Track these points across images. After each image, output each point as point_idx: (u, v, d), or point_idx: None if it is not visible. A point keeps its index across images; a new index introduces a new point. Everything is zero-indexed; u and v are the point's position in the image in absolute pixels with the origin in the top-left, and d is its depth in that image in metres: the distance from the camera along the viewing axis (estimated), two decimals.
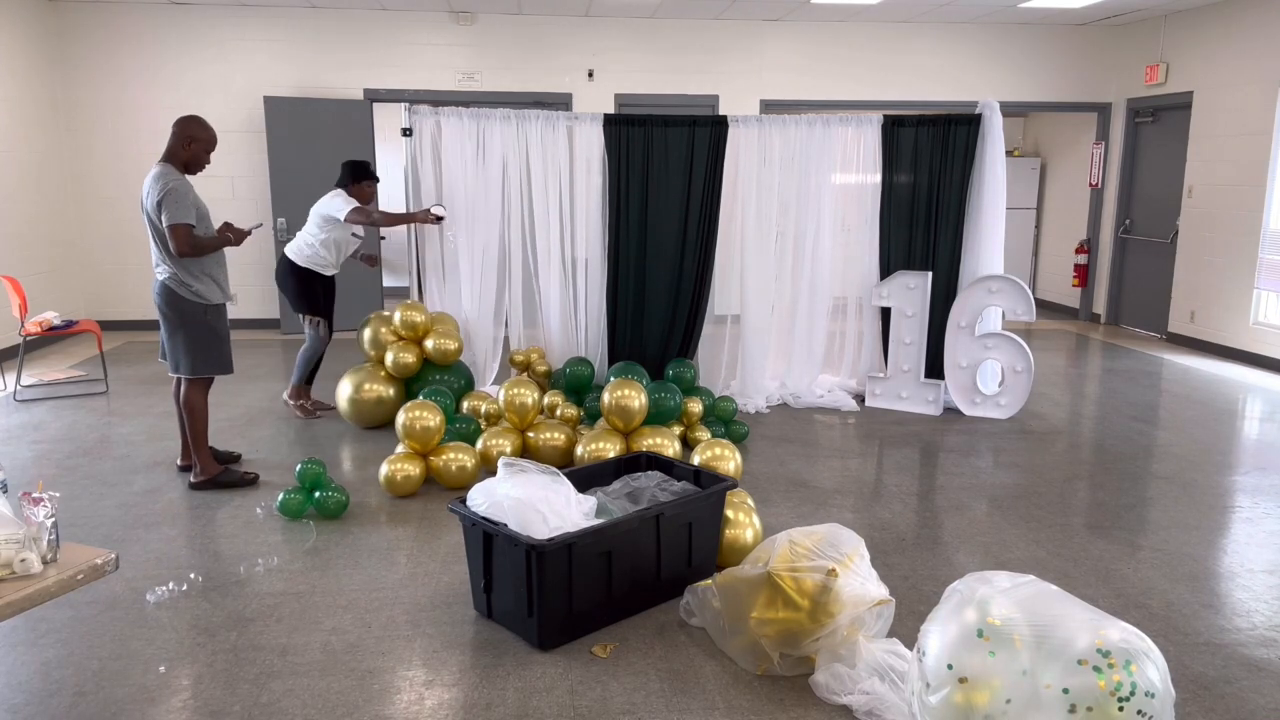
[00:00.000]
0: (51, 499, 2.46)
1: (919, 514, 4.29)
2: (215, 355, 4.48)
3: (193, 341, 4.40)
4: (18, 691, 2.80)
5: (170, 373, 4.53)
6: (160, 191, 4.21)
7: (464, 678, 2.88)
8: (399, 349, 5.42)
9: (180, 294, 4.34)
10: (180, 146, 4.32)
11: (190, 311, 4.37)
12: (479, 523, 3.08)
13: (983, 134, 5.96)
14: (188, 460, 4.75)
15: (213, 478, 4.54)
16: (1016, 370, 5.87)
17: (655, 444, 4.52)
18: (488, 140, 5.78)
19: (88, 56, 8.40)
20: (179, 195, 4.21)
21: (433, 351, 5.46)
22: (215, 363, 4.48)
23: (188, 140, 4.31)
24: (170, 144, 4.33)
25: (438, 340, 5.45)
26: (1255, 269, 7.66)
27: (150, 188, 4.26)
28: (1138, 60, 9.10)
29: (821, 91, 9.21)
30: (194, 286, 4.35)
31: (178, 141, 4.32)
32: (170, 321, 4.40)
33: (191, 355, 4.42)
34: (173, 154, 4.33)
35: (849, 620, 2.82)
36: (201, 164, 4.39)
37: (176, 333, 4.40)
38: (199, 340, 4.41)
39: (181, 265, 4.33)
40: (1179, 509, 4.38)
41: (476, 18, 8.70)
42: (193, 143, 4.32)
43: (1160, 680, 2.18)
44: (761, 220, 6.03)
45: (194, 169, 4.38)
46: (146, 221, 4.34)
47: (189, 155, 4.34)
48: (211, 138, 4.39)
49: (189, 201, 4.25)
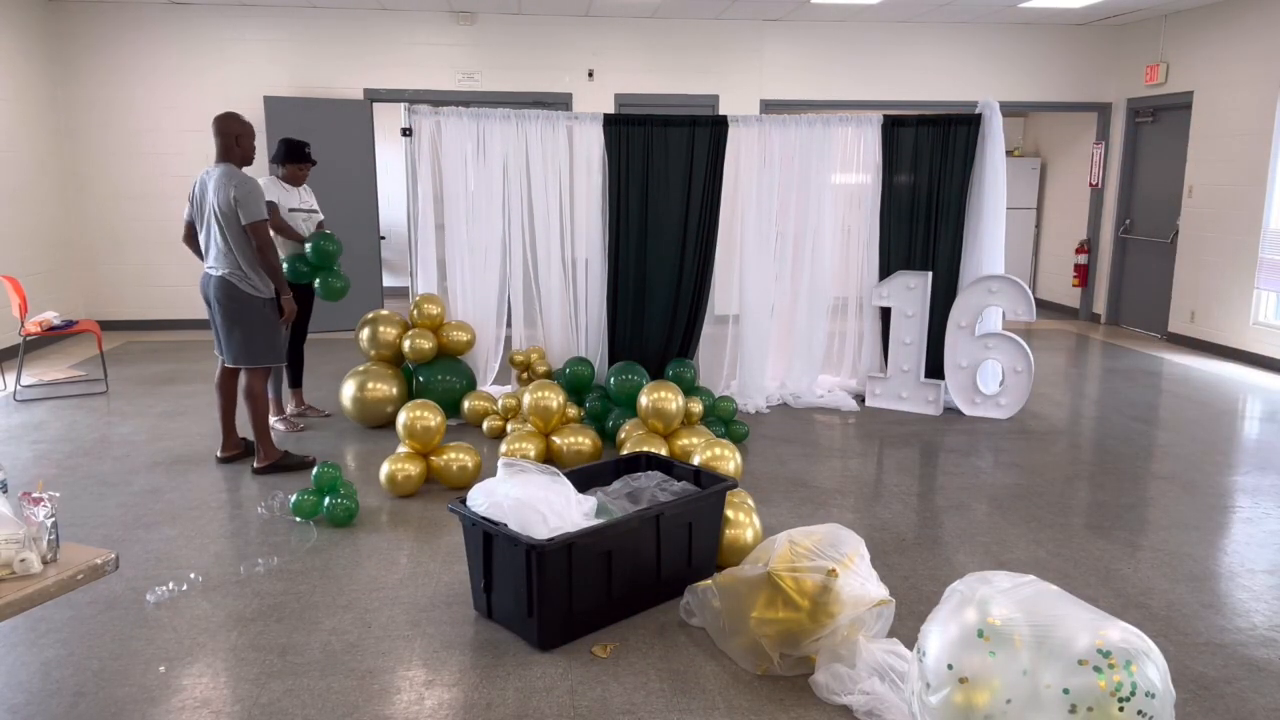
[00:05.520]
0: (51, 499, 2.46)
1: (919, 514, 4.29)
2: (273, 345, 4.69)
3: (252, 333, 4.60)
4: (18, 691, 2.80)
5: (228, 364, 4.70)
6: (236, 189, 4.40)
7: (464, 678, 2.88)
8: (416, 335, 5.52)
9: (241, 288, 4.53)
10: (232, 145, 4.53)
11: (250, 304, 4.56)
12: (479, 523, 3.08)
13: (983, 134, 5.96)
14: (230, 451, 4.93)
15: (275, 461, 4.75)
16: (1016, 370, 5.87)
17: (691, 444, 4.61)
18: (488, 140, 5.78)
19: (88, 56, 8.40)
20: (254, 193, 4.44)
21: (447, 341, 5.66)
22: (273, 353, 4.70)
23: (235, 138, 4.52)
24: (221, 145, 4.52)
25: (451, 330, 5.68)
26: (1255, 269, 7.66)
27: (218, 187, 4.43)
28: (1138, 60, 9.10)
29: (821, 91, 9.21)
30: (253, 280, 4.55)
31: (226, 141, 4.51)
32: (230, 314, 4.57)
33: (251, 346, 4.61)
34: (228, 153, 4.51)
35: (849, 620, 2.82)
36: (252, 156, 4.61)
37: (236, 325, 4.58)
38: (258, 331, 4.61)
39: (245, 260, 4.52)
40: (1179, 509, 4.37)
41: (476, 18, 8.70)
42: (240, 138, 4.52)
43: (1160, 680, 2.18)
44: (761, 220, 6.03)
45: (248, 163, 4.60)
46: (212, 218, 4.48)
47: (243, 151, 4.55)
48: (250, 129, 4.58)
49: (261, 199, 4.48)
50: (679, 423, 4.79)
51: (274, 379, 5.57)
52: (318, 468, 4.17)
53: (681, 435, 4.78)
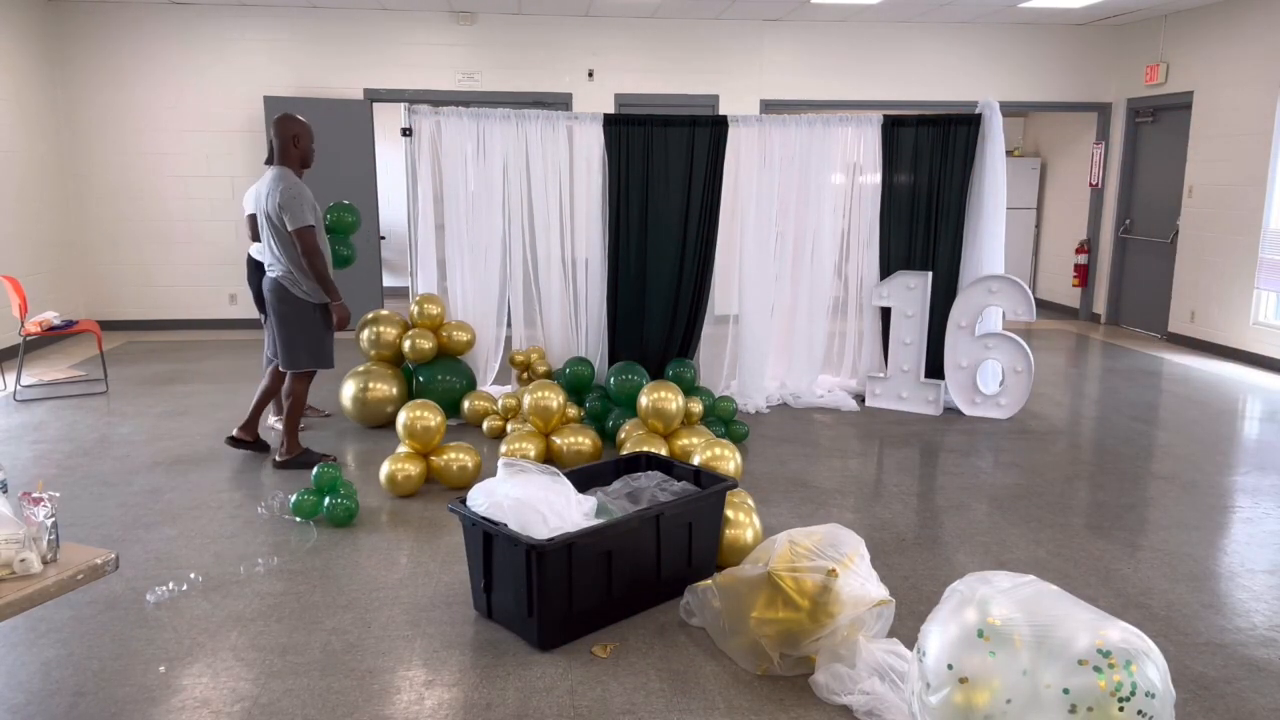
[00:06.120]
0: (51, 499, 2.46)
1: (919, 514, 4.29)
2: (319, 350, 4.72)
3: (298, 337, 4.64)
4: (18, 691, 2.80)
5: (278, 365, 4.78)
6: (281, 195, 4.41)
7: (464, 678, 2.88)
8: (416, 335, 5.52)
9: (292, 291, 4.57)
10: (289, 146, 4.53)
11: (299, 308, 4.60)
12: (479, 523, 3.08)
13: (983, 134, 5.96)
14: (243, 436, 4.98)
15: (296, 457, 4.81)
16: (1016, 370, 5.87)
17: (691, 444, 4.61)
18: (488, 140, 5.78)
19: (88, 56, 8.40)
20: (299, 199, 4.43)
21: (446, 341, 5.67)
22: (317, 358, 4.73)
23: (292, 139, 4.52)
24: (278, 146, 4.52)
25: (451, 330, 5.69)
26: (1255, 269, 7.66)
27: (269, 190, 4.46)
28: (1138, 60, 9.10)
29: (821, 91, 9.21)
30: (305, 285, 4.57)
31: (284, 142, 4.51)
32: (279, 315, 4.62)
33: (294, 349, 4.66)
34: (285, 155, 4.53)
35: (849, 620, 2.82)
36: (311, 158, 4.63)
37: (283, 327, 4.63)
38: (304, 336, 4.65)
39: (295, 265, 4.55)
40: (1179, 509, 4.37)
41: (476, 18, 8.70)
42: (298, 139, 4.54)
43: (1160, 680, 2.18)
44: (761, 220, 6.03)
45: (308, 163, 4.61)
46: (264, 220, 4.52)
47: (300, 152, 4.56)
48: (308, 130, 4.59)
49: (308, 204, 4.47)
50: (679, 423, 4.79)
51: None
52: (318, 468, 4.17)
53: (681, 435, 4.78)
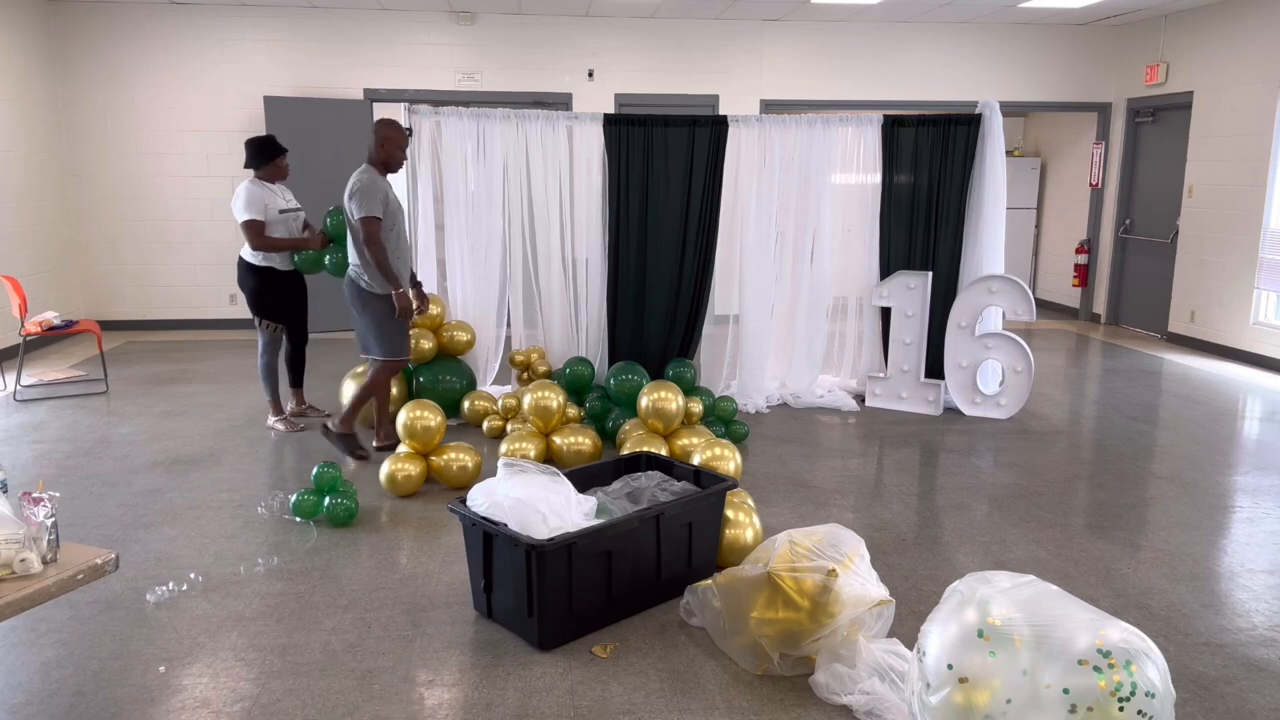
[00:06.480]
0: (51, 499, 2.46)
1: (919, 514, 4.29)
2: (387, 341, 4.84)
3: (369, 326, 4.81)
4: (18, 691, 2.80)
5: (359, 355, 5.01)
6: (353, 185, 4.60)
7: (464, 678, 2.88)
8: (417, 335, 5.53)
9: (358, 282, 4.75)
10: (377, 147, 4.68)
11: (368, 298, 4.76)
12: (479, 523, 3.08)
13: (983, 134, 5.96)
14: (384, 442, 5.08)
15: (344, 435, 4.98)
16: (1016, 370, 5.87)
17: (691, 444, 4.61)
18: (488, 140, 5.78)
19: (88, 56, 8.40)
20: (367, 191, 4.58)
21: (446, 341, 5.68)
22: (389, 347, 4.85)
23: (382, 140, 4.67)
24: (370, 144, 4.73)
25: (451, 330, 5.70)
26: (1255, 269, 7.66)
27: (349, 184, 4.65)
28: (1138, 60, 9.10)
29: (821, 91, 9.21)
30: (367, 277, 4.72)
31: (375, 143, 4.69)
32: (353, 306, 4.83)
33: (367, 338, 4.85)
34: (372, 155, 4.71)
35: (849, 620, 2.82)
36: (397, 161, 4.75)
37: (357, 317, 4.84)
38: (375, 325, 4.80)
39: (361, 257, 4.69)
40: (1179, 509, 4.38)
41: (476, 18, 8.70)
42: (386, 142, 4.68)
43: (1160, 680, 2.18)
44: (761, 220, 6.03)
45: (393, 167, 4.75)
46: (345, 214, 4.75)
47: (385, 154, 4.70)
48: (400, 135, 4.73)
49: (377, 197, 4.59)
50: (679, 423, 4.79)
51: (270, 379, 5.55)
52: (318, 468, 4.17)
53: (681, 435, 4.78)
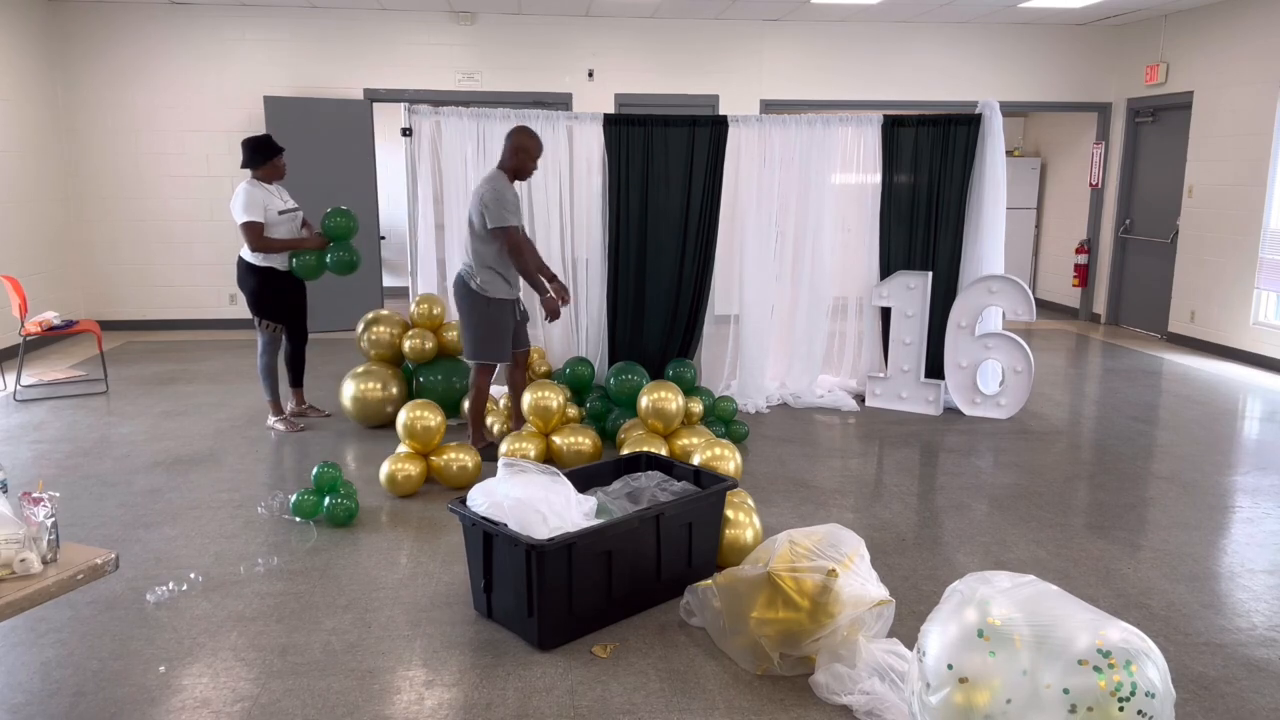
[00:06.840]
0: (51, 499, 2.46)
1: (919, 514, 4.29)
2: (489, 343, 4.82)
3: (473, 328, 4.81)
4: (18, 691, 2.80)
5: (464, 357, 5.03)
6: (484, 194, 4.59)
7: (464, 678, 2.88)
8: (417, 335, 5.53)
9: (469, 284, 4.74)
10: (509, 155, 4.69)
11: (475, 301, 4.74)
12: (479, 523, 3.08)
13: (983, 134, 5.96)
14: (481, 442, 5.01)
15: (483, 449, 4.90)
16: (1016, 370, 5.87)
17: (691, 444, 4.61)
18: (488, 140, 5.78)
19: (88, 56, 8.40)
20: (499, 200, 4.57)
21: (447, 341, 5.67)
22: (492, 351, 4.84)
23: (515, 149, 4.68)
24: (503, 152, 4.71)
25: (451, 330, 5.69)
26: (1255, 269, 7.66)
27: (477, 190, 4.67)
28: (1138, 60, 9.10)
29: (821, 91, 9.21)
30: (479, 278, 4.70)
31: (508, 151, 4.70)
32: (460, 308, 4.84)
33: (470, 341, 4.84)
34: (504, 161, 4.71)
35: (849, 620, 2.82)
36: (528, 170, 4.75)
37: (463, 318, 4.85)
38: (478, 327, 4.79)
39: (478, 259, 4.69)
40: (1179, 509, 4.38)
41: (476, 18, 8.70)
42: (519, 151, 4.68)
43: (1160, 680, 2.18)
44: (761, 220, 6.03)
45: (522, 175, 4.75)
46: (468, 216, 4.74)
47: (516, 163, 4.70)
48: (535, 145, 4.71)
49: (509, 206, 4.61)
50: (679, 423, 4.79)
51: (269, 379, 5.53)
52: (318, 468, 4.17)
53: (681, 435, 4.78)
